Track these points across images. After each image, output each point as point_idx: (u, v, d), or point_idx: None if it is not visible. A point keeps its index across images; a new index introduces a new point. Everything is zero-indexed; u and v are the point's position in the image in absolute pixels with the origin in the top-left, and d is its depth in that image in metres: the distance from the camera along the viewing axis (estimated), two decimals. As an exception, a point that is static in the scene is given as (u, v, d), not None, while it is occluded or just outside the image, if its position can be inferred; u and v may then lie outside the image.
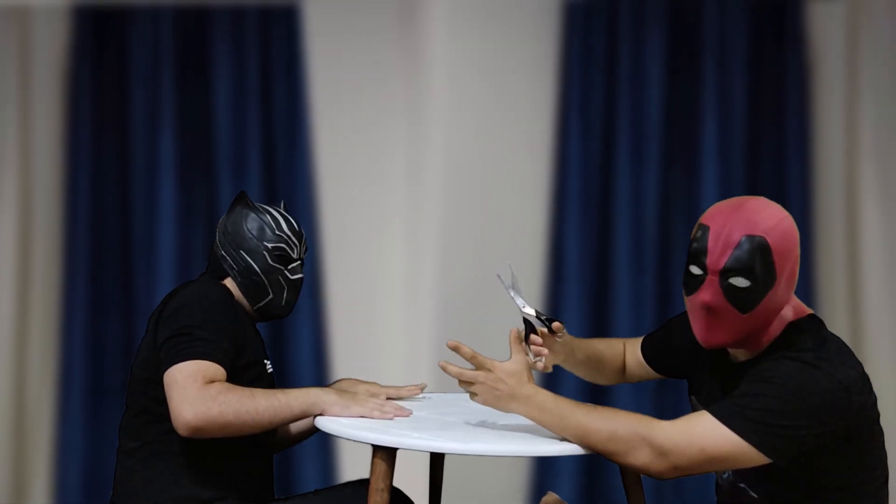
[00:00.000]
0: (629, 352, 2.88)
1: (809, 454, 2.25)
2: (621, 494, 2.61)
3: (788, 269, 2.29)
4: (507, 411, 2.42)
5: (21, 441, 4.72)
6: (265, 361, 2.86)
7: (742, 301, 2.26)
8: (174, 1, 4.72)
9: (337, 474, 4.71)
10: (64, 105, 4.73)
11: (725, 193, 4.76)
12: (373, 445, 2.45)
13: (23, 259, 4.73)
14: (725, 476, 2.49)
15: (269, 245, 2.86)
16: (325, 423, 2.57)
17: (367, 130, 4.85)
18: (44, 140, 4.73)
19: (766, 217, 2.29)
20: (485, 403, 2.43)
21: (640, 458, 2.26)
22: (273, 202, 3.01)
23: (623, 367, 2.90)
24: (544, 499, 2.88)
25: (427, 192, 4.83)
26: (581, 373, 2.87)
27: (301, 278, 2.93)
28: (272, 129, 4.80)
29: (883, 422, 2.37)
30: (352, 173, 4.84)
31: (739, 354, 2.40)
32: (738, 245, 2.26)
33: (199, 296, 2.72)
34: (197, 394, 2.53)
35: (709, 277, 2.29)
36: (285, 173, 4.79)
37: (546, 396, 2.37)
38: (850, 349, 2.34)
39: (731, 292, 2.26)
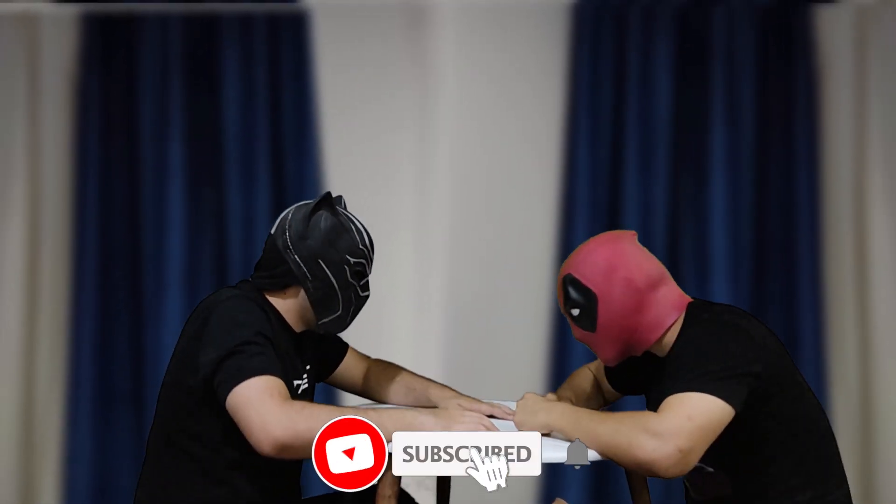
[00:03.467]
0: (597, 371, 3.03)
1: (754, 413, 2.47)
2: (629, 499, 2.62)
3: (608, 279, 2.62)
4: (537, 423, 2.59)
5: (30, 448, 4.72)
6: (295, 382, 2.71)
7: (584, 324, 2.66)
8: (183, 8, 4.73)
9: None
10: (72, 112, 4.74)
11: (734, 199, 4.76)
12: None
13: (31, 265, 4.74)
14: None
15: (353, 260, 2.68)
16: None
17: (376, 137, 4.85)
18: (52, 146, 4.74)
19: (576, 256, 2.69)
20: (521, 422, 2.63)
21: (644, 448, 2.38)
22: (339, 204, 2.80)
23: (600, 391, 3.03)
24: (552, 505, 2.89)
25: (435, 199, 4.82)
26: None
27: (368, 295, 2.77)
28: (280, 135, 4.80)
29: (893, 422, 2.48)
30: (360, 180, 4.83)
31: (658, 352, 2.68)
32: (561, 287, 2.69)
33: (244, 310, 2.55)
34: (280, 409, 2.40)
35: (568, 319, 2.72)
36: (293, 180, 4.79)
37: (564, 406, 2.62)
38: (732, 307, 2.67)
39: (576, 322, 2.68)
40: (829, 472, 2.57)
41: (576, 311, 2.66)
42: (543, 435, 2.53)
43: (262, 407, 2.39)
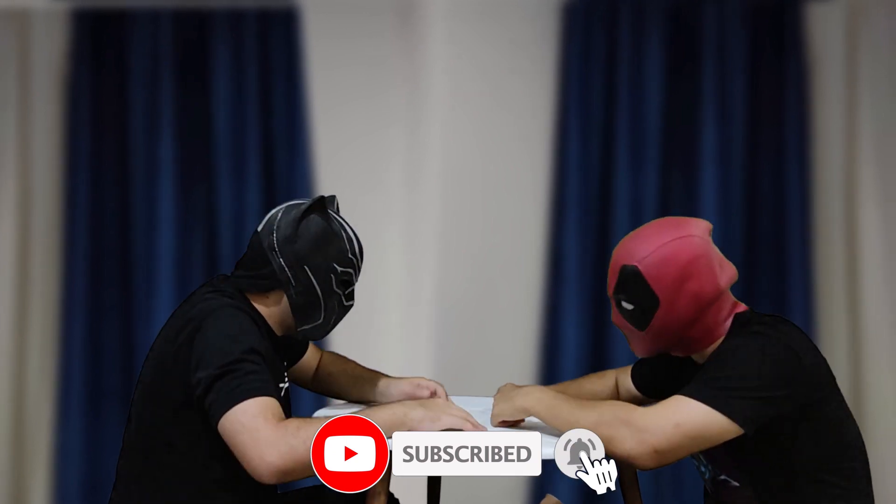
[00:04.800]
0: (621, 384, 2.97)
1: (775, 428, 2.39)
2: (619, 499, 2.62)
3: (677, 289, 2.48)
4: (513, 407, 2.58)
5: (20, 445, 4.71)
6: (280, 385, 2.62)
7: (634, 321, 2.54)
8: (173, 4, 4.72)
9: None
10: (63, 108, 4.73)
11: (724, 196, 4.77)
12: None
13: (22, 262, 4.73)
14: (708, 476, 2.61)
15: (340, 269, 2.60)
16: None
17: (366, 134, 4.84)
18: (43, 143, 4.73)
19: (645, 245, 2.52)
20: (499, 412, 2.63)
21: (623, 442, 2.37)
22: (331, 206, 2.71)
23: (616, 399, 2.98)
24: (543, 501, 2.89)
25: (426, 197, 4.82)
26: None
27: (352, 305, 2.70)
28: (271, 132, 4.80)
29: (884, 422, 2.43)
30: (351, 177, 4.83)
31: (698, 358, 2.59)
32: (619, 273, 2.55)
33: (237, 324, 2.46)
34: (274, 434, 2.30)
35: (612, 301, 2.60)
36: (284, 177, 4.78)
37: (544, 392, 2.58)
38: (793, 324, 2.52)
39: (624, 313, 2.56)
40: (861, 488, 2.48)
41: (629, 306, 2.55)
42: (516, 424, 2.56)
43: (257, 433, 2.30)
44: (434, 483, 3.11)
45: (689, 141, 4.81)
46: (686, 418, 2.34)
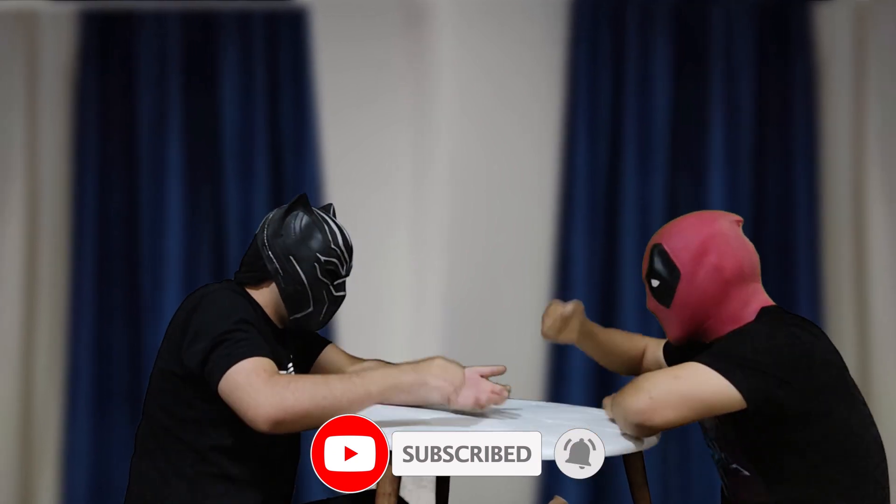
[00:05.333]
0: (650, 351, 3.05)
1: (781, 418, 2.40)
2: (628, 499, 2.61)
3: (696, 261, 2.59)
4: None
5: (28, 446, 4.72)
6: (280, 372, 2.69)
7: (660, 296, 2.64)
8: (181, 6, 4.73)
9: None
10: (71, 110, 4.74)
11: (732, 198, 4.76)
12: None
13: (30, 263, 4.73)
14: (721, 464, 2.62)
15: (323, 258, 2.77)
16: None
17: (374, 135, 4.85)
18: (51, 144, 4.74)
19: (673, 227, 2.68)
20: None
21: (625, 396, 2.45)
22: (318, 206, 2.90)
23: (639, 363, 3.06)
24: (551, 503, 2.88)
25: (433, 197, 4.82)
26: (595, 357, 3.14)
27: (344, 296, 2.84)
28: (279, 133, 4.80)
29: (891, 422, 2.42)
30: (358, 178, 4.83)
31: None
32: (649, 254, 2.68)
33: (228, 302, 2.60)
34: (266, 387, 2.42)
35: (646, 286, 2.70)
36: (292, 178, 4.79)
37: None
38: (821, 329, 2.54)
39: (653, 292, 2.66)
40: (869, 490, 2.47)
41: (656, 283, 2.65)
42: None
43: (251, 387, 2.42)
44: (442, 485, 3.11)
45: (696, 141, 4.81)
46: (687, 373, 2.41)
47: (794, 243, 4.78)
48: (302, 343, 2.98)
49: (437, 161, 4.82)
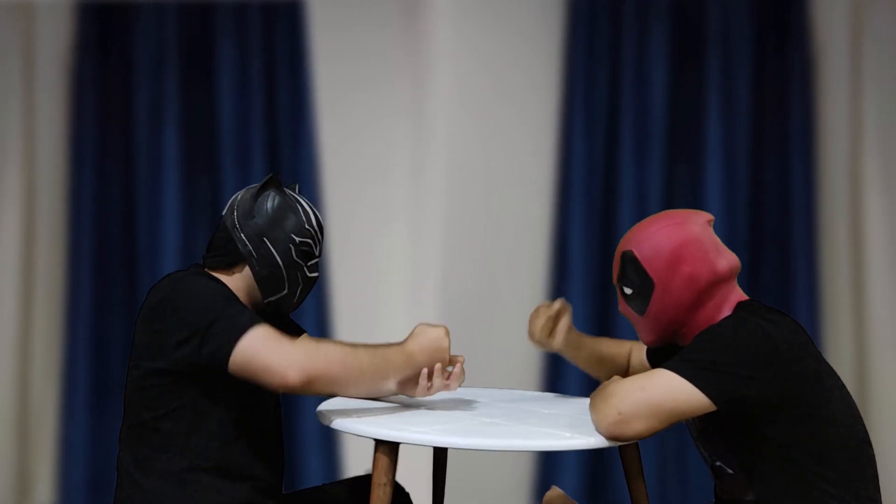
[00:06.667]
0: (634, 354, 2.99)
1: (756, 413, 2.39)
2: (624, 490, 2.62)
3: (670, 271, 2.51)
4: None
5: (25, 439, 4.72)
6: None
7: (634, 305, 2.57)
8: (178, -3, 4.73)
9: (341, 469, 4.71)
10: (68, 101, 4.74)
11: (729, 188, 4.77)
12: (375, 440, 2.43)
13: (27, 256, 4.74)
14: (703, 456, 2.62)
15: (298, 239, 2.66)
16: (328, 418, 2.55)
17: (371, 126, 4.85)
18: (48, 136, 4.74)
19: (642, 233, 2.57)
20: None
21: (594, 407, 2.43)
22: (293, 190, 2.80)
23: (626, 368, 3.00)
24: (548, 493, 2.89)
25: (431, 189, 4.82)
26: (583, 367, 3.04)
27: (317, 277, 2.75)
28: (276, 125, 4.80)
29: (888, 417, 2.40)
30: (355, 169, 4.83)
31: None
32: (619, 260, 2.60)
33: (202, 284, 2.53)
34: (293, 346, 2.39)
35: (617, 290, 2.64)
36: (289, 169, 4.79)
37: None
38: (792, 318, 2.51)
39: (625, 298, 2.60)
40: (857, 482, 2.44)
41: (628, 291, 2.58)
42: None
43: (278, 347, 2.40)
44: (439, 476, 3.11)
45: (693, 133, 4.81)
46: (653, 383, 2.37)
47: (790, 234, 4.78)
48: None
49: (434, 152, 4.82)
